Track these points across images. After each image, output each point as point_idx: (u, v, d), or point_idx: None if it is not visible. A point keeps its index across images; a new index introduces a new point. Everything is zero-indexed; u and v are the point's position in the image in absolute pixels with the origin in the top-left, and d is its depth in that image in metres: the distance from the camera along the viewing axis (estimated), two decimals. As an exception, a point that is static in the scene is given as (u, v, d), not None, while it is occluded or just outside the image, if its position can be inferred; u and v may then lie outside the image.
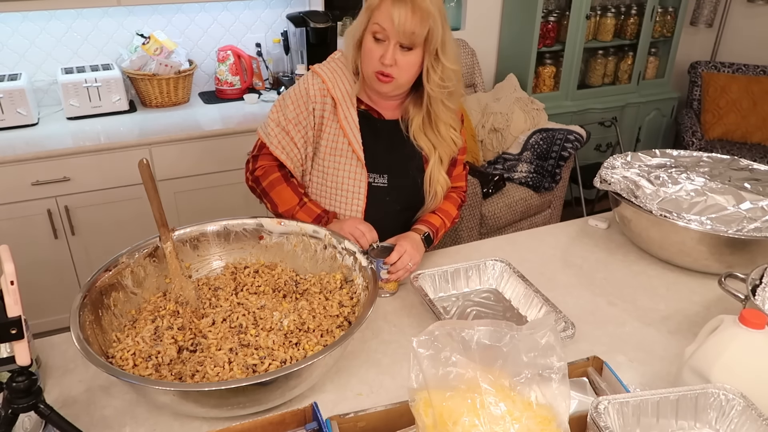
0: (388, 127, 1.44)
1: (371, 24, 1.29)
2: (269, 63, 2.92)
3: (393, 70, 1.30)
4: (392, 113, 1.44)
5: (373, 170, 1.43)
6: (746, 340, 0.94)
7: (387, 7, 1.25)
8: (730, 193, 1.50)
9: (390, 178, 1.44)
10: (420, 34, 1.26)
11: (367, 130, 1.40)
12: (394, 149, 1.44)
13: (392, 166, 1.44)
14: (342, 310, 1.17)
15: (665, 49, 3.84)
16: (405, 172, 1.46)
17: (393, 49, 1.28)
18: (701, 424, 0.93)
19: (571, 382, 1.00)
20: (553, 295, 1.39)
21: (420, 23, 1.25)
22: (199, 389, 0.93)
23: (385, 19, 1.26)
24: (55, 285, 2.40)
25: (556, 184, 2.98)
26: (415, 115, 1.41)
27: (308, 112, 1.39)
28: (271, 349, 1.06)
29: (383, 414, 0.93)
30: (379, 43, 1.29)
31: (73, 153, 2.25)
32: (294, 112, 1.39)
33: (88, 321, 1.05)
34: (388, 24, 1.25)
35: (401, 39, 1.27)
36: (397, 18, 1.24)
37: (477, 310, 1.32)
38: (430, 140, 1.43)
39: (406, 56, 1.29)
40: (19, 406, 0.85)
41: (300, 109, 1.39)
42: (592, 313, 1.33)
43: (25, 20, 2.52)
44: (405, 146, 1.44)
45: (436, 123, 1.41)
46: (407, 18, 1.24)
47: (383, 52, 1.28)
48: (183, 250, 1.28)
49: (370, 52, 1.30)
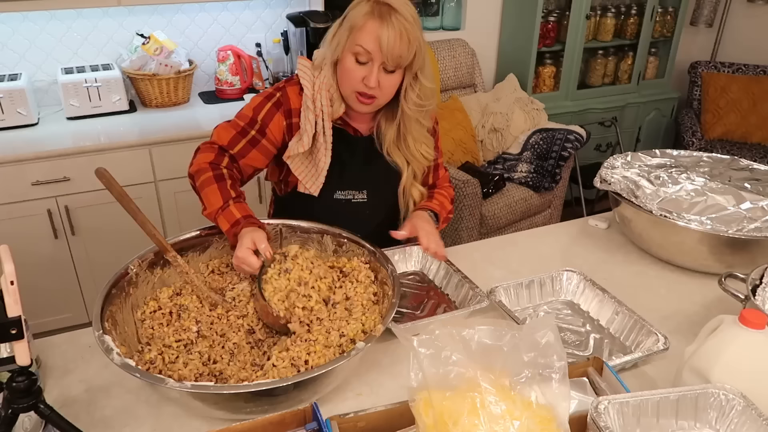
0: (364, 144, 1.41)
1: (353, 45, 1.25)
2: (269, 63, 2.92)
3: (375, 91, 1.27)
4: (366, 128, 1.42)
5: (352, 187, 1.42)
6: (746, 340, 0.94)
7: (373, 29, 1.22)
8: (730, 193, 1.50)
9: (369, 194, 1.43)
10: (407, 57, 1.25)
11: (343, 147, 1.38)
12: (371, 165, 1.42)
13: (370, 181, 1.43)
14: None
15: (665, 49, 3.84)
16: (383, 186, 1.45)
17: (377, 71, 1.25)
18: (701, 424, 0.92)
19: (571, 382, 1.00)
20: (553, 295, 1.39)
21: (407, 47, 1.23)
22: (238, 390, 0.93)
23: (370, 41, 1.22)
24: (55, 285, 2.40)
25: (556, 184, 2.98)
26: (387, 130, 1.39)
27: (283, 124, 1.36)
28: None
29: (383, 414, 0.92)
30: (360, 64, 1.26)
31: (73, 153, 2.25)
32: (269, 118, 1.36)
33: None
34: (373, 46, 1.22)
35: (387, 62, 1.24)
36: (385, 42, 1.21)
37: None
38: (404, 155, 1.41)
39: (389, 78, 1.27)
40: (19, 406, 0.85)
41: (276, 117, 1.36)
42: (592, 313, 1.32)
43: (25, 20, 2.52)
44: (380, 161, 1.42)
45: (405, 138, 1.39)
46: (396, 42, 1.21)
47: (366, 73, 1.25)
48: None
49: (351, 72, 1.26)
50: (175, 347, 1.10)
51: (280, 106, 1.35)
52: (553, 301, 1.36)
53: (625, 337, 1.23)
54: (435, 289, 1.39)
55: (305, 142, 1.33)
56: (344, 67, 1.28)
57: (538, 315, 1.31)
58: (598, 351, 1.20)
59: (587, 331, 1.26)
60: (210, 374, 1.04)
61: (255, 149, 1.34)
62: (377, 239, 1.32)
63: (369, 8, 1.23)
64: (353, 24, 1.24)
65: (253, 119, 1.34)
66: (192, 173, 1.31)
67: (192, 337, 1.12)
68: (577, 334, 1.25)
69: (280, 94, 1.36)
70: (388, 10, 1.22)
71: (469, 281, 1.32)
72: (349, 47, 1.26)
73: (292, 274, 1.19)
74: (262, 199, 2.62)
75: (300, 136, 1.34)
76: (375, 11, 1.22)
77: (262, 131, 1.34)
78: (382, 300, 1.19)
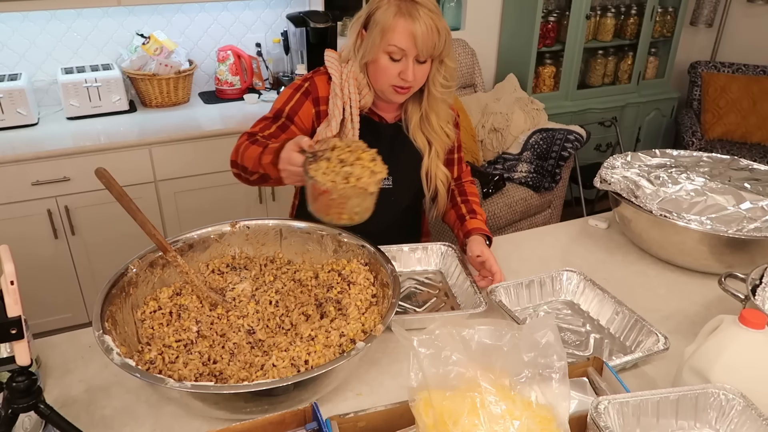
0: (390, 131, 1.46)
1: (386, 45, 1.29)
2: (269, 63, 2.92)
3: (410, 82, 1.33)
4: (392, 116, 1.46)
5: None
6: (746, 340, 0.94)
7: (405, 28, 1.27)
8: (730, 193, 1.50)
9: (395, 180, 1.45)
10: (440, 47, 1.30)
11: (369, 134, 1.40)
12: (397, 151, 1.46)
13: (396, 168, 1.44)
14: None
15: (665, 49, 3.84)
16: (408, 173, 1.48)
17: (412, 64, 1.30)
18: (701, 424, 0.93)
19: (571, 382, 1.00)
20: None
21: (439, 38, 1.29)
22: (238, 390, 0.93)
23: (403, 39, 1.27)
24: (55, 285, 2.40)
25: (556, 184, 2.98)
26: (413, 113, 1.44)
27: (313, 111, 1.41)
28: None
29: (383, 414, 0.92)
30: (394, 61, 1.31)
31: (73, 153, 2.25)
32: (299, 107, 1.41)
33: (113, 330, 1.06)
34: (408, 44, 1.27)
35: (421, 55, 1.29)
36: (420, 38, 1.26)
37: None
38: (426, 135, 1.46)
39: (422, 68, 1.33)
40: (19, 406, 0.85)
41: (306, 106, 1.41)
42: (592, 313, 1.32)
43: (25, 20, 2.52)
44: (405, 148, 1.46)
45: (427, 117, 1.44)
46: (428, 36, 1.27)
47: (402, 68, 1.31)
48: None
49: (387, 70, 1.32)
50: (175, 347, 1.10)
51: (309, 94, 1.40)
52: (553, 301, 1.35)
53: (625, 337, 1.23)
54: (448, 290, 1.40)
55: (333, 127, 1.37)
56: (379, 66, 1.33)
57: (538, 315, 1.31)
58: (598, 351, 1.20)
59: (587, 331, 1.26)
60: (210, 374, 1.04)
61: (284, 134, 1.38)
62: (402, 225, 1.33)
63: (396, 8, 1.27)
64: (384, 26, 1.28)
65: (281, 109, 1.40)
66: (233, 159, 1.36)
67: (192, 337, 1.12)
68: (577, 334, 1.25)
69: (308, 84, 1.41)
70: (414, 5, 1.26)
71: (476, 285, 1.32)
72: (383, 48, 1.30)
73: (333, 155, 1.15)
74: (262, 199, 2.63)
75: (328, 122, 1.39)
76: (402, 10, 1.27)
77: (291, 118, 1.39)
78: (382, 301, 1.20)
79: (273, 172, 1.23)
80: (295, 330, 1.16)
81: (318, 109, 1.40)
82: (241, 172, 1.37)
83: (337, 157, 1.14)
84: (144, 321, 1.15)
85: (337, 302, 1.21)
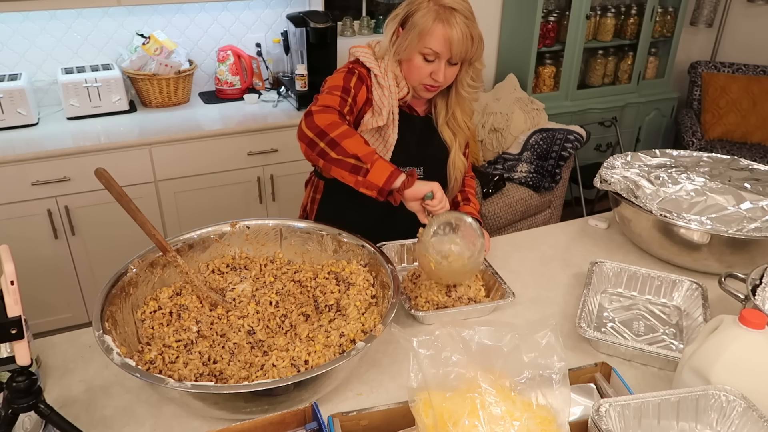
0: (422, 123, 1.51)
1: (422, 47, 1.34)
2: (269, 63, 2.92)
3: (440, 81, 1.38)
4: (423, 109, 1.52)
5: (412, 164, 1.48)
6: (746, 340, 0.94)
7: (441, 34, 1.31)
8: (730, 193, 1.50)
9: (426, 170, 1.50)
10: (473, 52, 1.36)
11: (405, 125, 1.46)
12: (427, 143, 1.51)
13: (427, 159, 1.51)
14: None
15: (665, 49, 3.84)
16: (438, 163, 1.52)
17: (444, 66, 1.36)
18: (702, 426, 0.92)
19: (578, 388, 1.00)
20: (553, 295, 1.39)
21: (472, 44, 1.34)
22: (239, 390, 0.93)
23: (439, 44, 1.32)
24: (55, 285, 2.40)
25: (556, 184, 2.98)
26: (441, 109, 1.50)
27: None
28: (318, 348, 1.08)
29: (385, 413, 0.93)
30: (428, 62, 1.36)
31: (73, 153, 2.25)
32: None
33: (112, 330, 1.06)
34: (443, 48, 1.32)
35: (454, 59, 1.35)
36: (456, 44, 1.31)
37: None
38: (452, 130, 1.51)
39: (452, 69, 1.38)
40: (19, 406, 0.85)
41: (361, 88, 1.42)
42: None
43: (25, 20, 2.52)
44: (434, 139, 1.52)
45: (453, 111, 1.49)
46: (463, 42, 1.32)
47: (434, 69, 1.36)
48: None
49: (420, 69, 1.37)
50: (175, 347, 1.10)
51: (363, 80, 1.42)
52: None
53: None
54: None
55: (384, 116, 1.41)
56: (413, 64, 1.37)
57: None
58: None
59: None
60: (210, 374, 1.04)
61: (351, 117, 1.39)
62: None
63: (435, 14, 1.32)
64: (422, 30, 1.33)
65: (346, 88, 1.38)
66: (323, 127, 1.24)
67: (192, 337, 1.12)
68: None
69: (359, 71, 1.41)
70: (452, 12, 1.31)
71: (498, 276, 1.36)
72: (418, 49, 1.35)
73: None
74: (262, 199, 2.63)
75: (374, 112, 1.42)
76: (441, 16, 1.31)
77: (355, 100, 1.40)
78: (382, 301, 1.20)
79: (389, 179, 1.20)
80: (294, 330, 1.16)
81: (368, 96, 1.43)
82: (326, 147, 1.23)
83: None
84: (144, 321, 1.15)
85: (336, 304, 1.21)
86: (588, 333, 1.17)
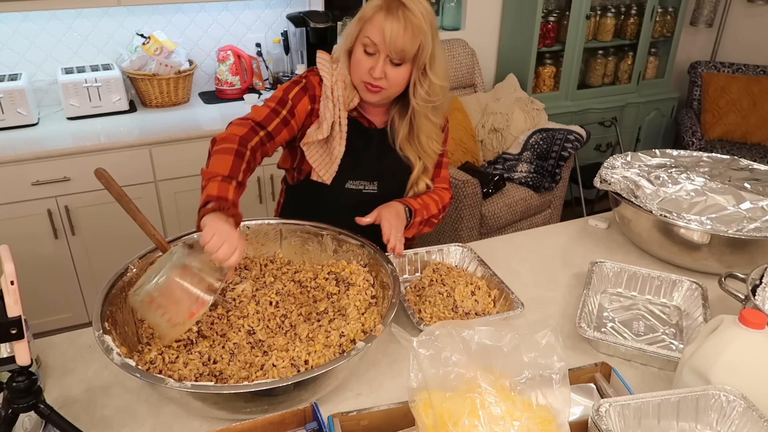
0: (378, 136, 1.44)
1: (362, 36, 1.29)
2: (269, 63, 2.92)
3: (382, 82, 1.31)
4: (381, 121, 1.45)
5: (364, 178, 1.43)
6: (746, 340, 0.94)
7: (379, 21, 1.26)
8: (730, 193, 1.50)
9: (380, 185, 1.45)
10: (410, 50, 1.27)
11: (358, 137, 1.41)
12: (384, 157, 1.45)
13: (382, 173, 1.45)
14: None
15: (665, 49, 3.84)
16: (394, 178, 1.46)
17: (383, 62, 1.29)
18: (702, 426, 0.92)
19: (579, 388, 1.00)
20: (553, 295, 1.39)
21: (411, 40, 1.26)
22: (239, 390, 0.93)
23: (376, 33, 1.26)
24: (55, 285, 2.40)
25: (556, 184, 2.97)
26: (400, 126, 1.42)
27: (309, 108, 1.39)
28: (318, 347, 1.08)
29: (385, 413, 0.93)
30: (369, 55, 1.30)
31: (73, 153, 2.25)
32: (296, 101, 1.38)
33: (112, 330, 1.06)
34: (379, 38, 1.26)
35: (391, 54, 1.27)
36: (388, 34, 1.25)
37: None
38: (416, 151, 1.44)
39: (396, 70, 1.30)
40: (19, 406, 0.85)
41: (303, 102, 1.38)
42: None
43: (25, 20, 2.51)
44: (392, 153, 1.45)
45: (418, 135, 1.41)
46: (399, 34, 1.25)
47: (373, 64, 1.29)
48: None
49: (359, 62, 1.31)
50: (175, 347, 1.10)
51: (307, 90, 1.38)
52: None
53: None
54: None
55: (324, 129, 1.36)
56: (354, 57, 1.33)
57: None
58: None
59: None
60: (210, 374, 1.04)
61: (285, 129, 1.36)
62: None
63: (380, 1, 1.27)
64: (363, 15, 1.29)
65: (283, 99, 1.36)
66: (217, 138, 1.25)
67: (192, 337, 1.12)
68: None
69: (306, 80, 1.39)
70: (398, 4, 1.26)
71: (505, 286, 1.31)
72: (360, 38, 1.30)
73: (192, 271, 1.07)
74: (262, 199, 2.63)
75: (319, 123, 1.38)
76: (384, 5, 1.26)
77: (292, 112, 1.36)
78: (382, 301, 1.20)
79: (206, 204, 1.12)
80: (294, 330, 1.16)
81: (313, 107, 1.39)
82: (209, 156, 1.25)
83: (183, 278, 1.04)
84: (144, 321, 1.15)
85: (335, 304, 1.21)
86: (588, 333, 1.17)
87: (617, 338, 1.22)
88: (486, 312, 1.27)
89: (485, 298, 1.30)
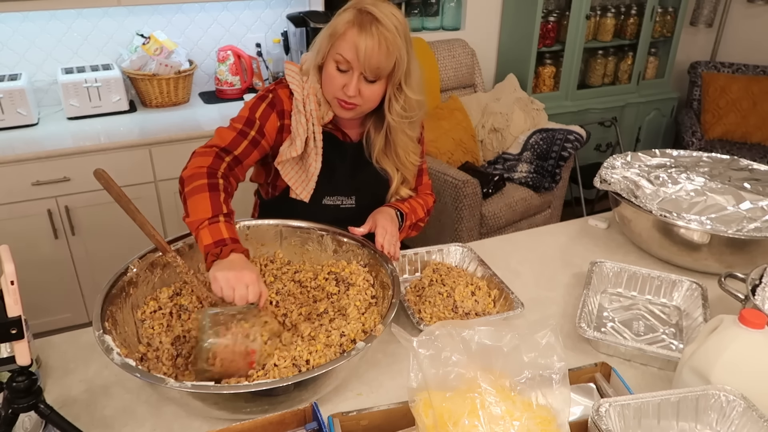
0: (353, 150, 1.40)
1: (333, 52, 1.23)
2: (269, 63, 2.92)
3: (356, 99, 1.26)
4: (356, 134, 1.41)
5: (341, 193, 1.41)
6: (746, 340, 0.94)
7: (352, 38, 1.20)
8: (730, 193, 1.50)
9: (357, 199, 1.43)
10: (385, 68, 1.23)
11: (333, 152, 1.37)
12: (360, 171, 1.41)
13: (359, 187, 1.42)
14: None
15: (665, 49, 3.84)
16: (372, 192, 1.44)
17: (356, 80, 1.23)
18: (702, 426, 0.92)
19: (579, 388, 1.00)
20: (553, 295, 1.39)
21: (386, 57, 1.21)
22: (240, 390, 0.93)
23: (349, 50, 1.21)
24: (55, 285, 2.40)
25: (556, 184, 2.97)
26: (376, 139, 1.38)
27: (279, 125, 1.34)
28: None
29: (385, 413, 0.93)
30: (341, 72, 1.24)
31: (73, 153, 2.25)
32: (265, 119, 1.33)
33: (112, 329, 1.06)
34: (352, 56, 1.21)
35: (365, 72, 1.22)
36: (362, 52, 1.19)
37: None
38: (394, 164, 1.41)
39: (370, 87, 1.25)
40: (19, 406, 0.85)
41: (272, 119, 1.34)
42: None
43: (25, 20, 2.51)
44: (369, 167, 1.41)
45: (395, 149, 1.38)
46: (373, 52, 1.19)
47: (346, 81, 1.24)
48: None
49: (332, 79, 1.25)
50: (176, 347, 1.10)
51: (274, 106, 1.32)
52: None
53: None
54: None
55: (298, 146, 1.31)
56: (327, 72, 1.27)
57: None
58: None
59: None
60: (210, 374, 1.04)
61: (256, 150, 1.31)
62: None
63: (352, 16, 1.21)
64: (334, 31, 1.23)
65: (250, 119, 1.30)
66: (184, 177, 1.20)
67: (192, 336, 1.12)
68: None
69: (272, 95, 1.33)
70: (371, 20, 1.20)
71: (505, 286, 1.31)
72: (331, 54, 1.24)
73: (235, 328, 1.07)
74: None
75: (291, 140, 1.32)
76: (356, 20, 1.20)
77: (261, 131, 1.31)
78: (382, 301, 1.20)
79: (207, 254, 1.09)
80: (295, 330, 1.16)
81: (282, 123, 1.33)
82: (183, 197, 1.19)
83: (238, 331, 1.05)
84: (144, 321, 1.15)
85: (335, 304, 1.21)
86: (588, 333, 1.17)
87: (617, 338, 1.22)
88: (486, 312, 1.27)
89: (485, 298, 1.30)
